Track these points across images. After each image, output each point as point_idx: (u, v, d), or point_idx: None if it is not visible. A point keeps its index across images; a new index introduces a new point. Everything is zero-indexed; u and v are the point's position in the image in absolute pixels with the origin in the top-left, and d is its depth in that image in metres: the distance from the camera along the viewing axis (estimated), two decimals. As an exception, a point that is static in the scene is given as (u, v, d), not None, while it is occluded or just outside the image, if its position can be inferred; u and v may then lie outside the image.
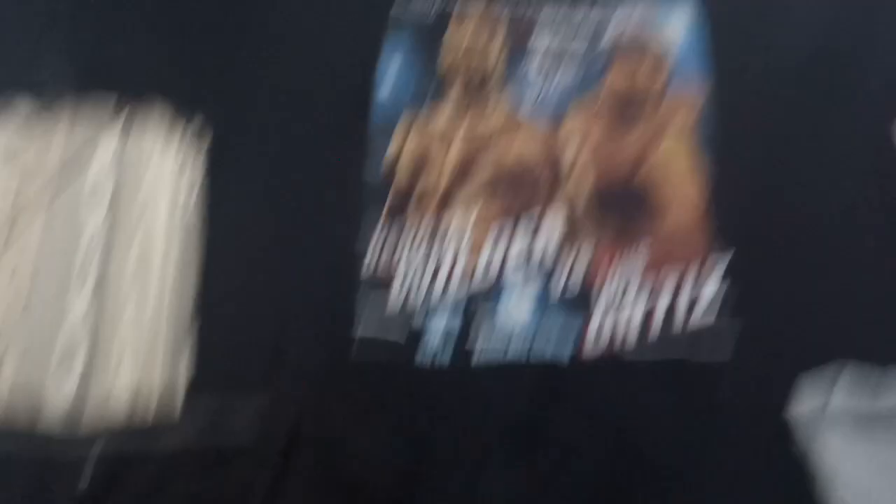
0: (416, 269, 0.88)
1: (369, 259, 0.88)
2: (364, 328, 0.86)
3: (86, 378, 0.84)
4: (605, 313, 0.85)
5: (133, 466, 0.79)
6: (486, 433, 0.81)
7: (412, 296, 0.87)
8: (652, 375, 0.83)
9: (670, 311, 0.85)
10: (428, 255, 0.88)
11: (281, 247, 0.89)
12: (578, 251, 0.88)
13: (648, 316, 0.85)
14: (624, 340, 0.84)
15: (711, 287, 0.86)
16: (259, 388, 0.82)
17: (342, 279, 0.87)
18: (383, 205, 0.90)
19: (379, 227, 0.89)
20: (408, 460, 0.80)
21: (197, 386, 0.83)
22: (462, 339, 0.85)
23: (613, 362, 0.83)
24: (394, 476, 0.80)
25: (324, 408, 0.82)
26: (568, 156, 0.92)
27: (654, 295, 0.86)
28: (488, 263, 0.88)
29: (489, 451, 0.81)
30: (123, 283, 0.88)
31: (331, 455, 0.81)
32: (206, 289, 0.87)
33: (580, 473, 0.80)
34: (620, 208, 0.90)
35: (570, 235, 0.89)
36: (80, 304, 0.87)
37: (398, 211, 0.90)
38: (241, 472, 0.79)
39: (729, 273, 0.86)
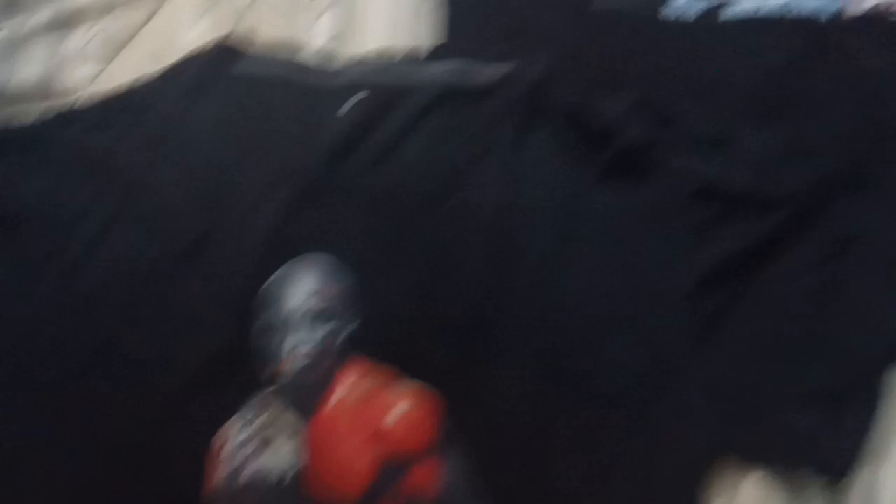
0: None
1: None
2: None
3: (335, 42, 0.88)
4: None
5: (387, 100, 0.81)
6: (734, 90, 0.80)
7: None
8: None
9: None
10: None
11: None
12: None
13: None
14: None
15: None
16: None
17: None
18: None
19: None
20: (653, 121, 0.80)
21: (444, 51, 0.85)
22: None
23: (877, 22, 0.80)
24: (631, 139, 0.78)
25: (569, 61, 0.82)
26: None
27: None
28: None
29: (737, 108, 0.80)
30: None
31: (575, 110, 0.81)
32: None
33: (829, 134, 0.78)
34: None
35: None
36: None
37: None
38: (491, 111, 0.81)
39: None
